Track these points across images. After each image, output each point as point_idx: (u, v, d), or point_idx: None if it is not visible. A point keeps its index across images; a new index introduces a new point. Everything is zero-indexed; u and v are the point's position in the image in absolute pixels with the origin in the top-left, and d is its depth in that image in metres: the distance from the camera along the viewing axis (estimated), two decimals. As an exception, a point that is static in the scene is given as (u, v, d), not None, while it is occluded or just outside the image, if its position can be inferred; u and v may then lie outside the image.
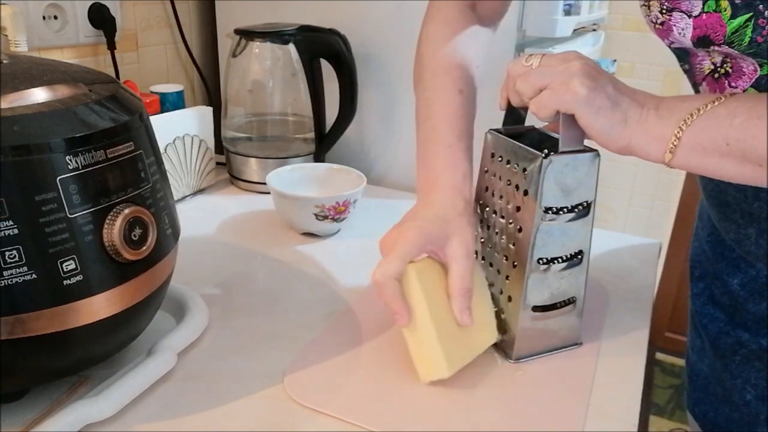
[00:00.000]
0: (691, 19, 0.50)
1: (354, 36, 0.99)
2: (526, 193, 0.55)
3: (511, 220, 0.58)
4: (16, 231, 0.41)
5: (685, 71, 0.60)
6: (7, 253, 0.41)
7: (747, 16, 0.47)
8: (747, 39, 0.48)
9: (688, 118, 0.47)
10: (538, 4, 0.95)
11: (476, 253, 0.64)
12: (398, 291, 0.53)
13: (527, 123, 0.59)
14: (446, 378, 0.54)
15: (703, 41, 0.51)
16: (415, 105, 0.65)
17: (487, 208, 0.62)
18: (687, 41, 0.52)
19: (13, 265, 0.41)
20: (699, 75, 0.57)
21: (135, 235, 0.48)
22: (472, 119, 0.63)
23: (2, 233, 0.41)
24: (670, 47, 0.57)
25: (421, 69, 0.66)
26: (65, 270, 0.43)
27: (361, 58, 1.01)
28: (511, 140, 0.57)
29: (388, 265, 0.53)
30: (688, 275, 0.79)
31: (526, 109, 0.57)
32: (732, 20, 0.48)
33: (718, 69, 0.54)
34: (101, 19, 0.97)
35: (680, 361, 2.09)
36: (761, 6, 0.46)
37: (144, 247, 0.49)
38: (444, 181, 0.59)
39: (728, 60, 0.53)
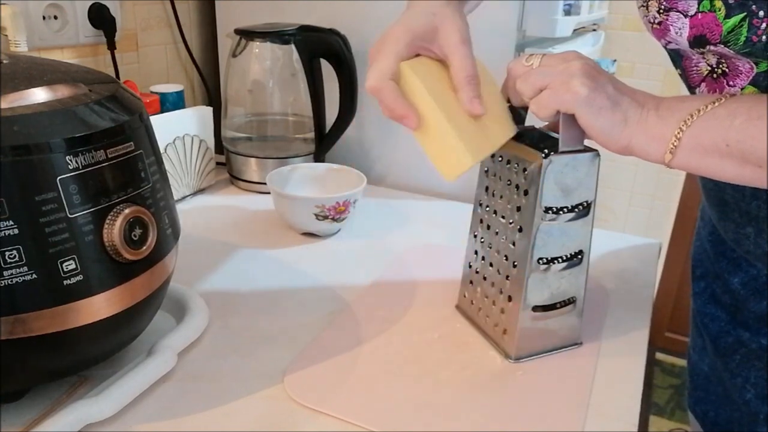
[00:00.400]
0: (687, 19, 0.50)
1: (354, 36, 0.99)
2: (526, 193, 0.55)
3: (511, 220, 0.58)
4: (16, 231, 0.41)
5: (680, 75, 0.60)
6: (7, 253, 0.41)
7: (741, 15, 0.47)
8: (743, 38, 0.48)
9: (689, 119, 0.47)
10: (538, 4, 0.95)
11: (476, 252, 0.64)
12: (398, 91, 0.50)
13: (527, 123, 0.59)
14: (470, 167, 0.50)
15: (699, 41, 0.51)
16: None
17: (488, 208, 0.62)
18: (683, 41, 0.52)
19: (13, 265, 0.41)
20: (696, 77, 0.57)
21: (135, 235, 0.48)
22: None
23: (2, 233, 0.41)
24: (666, 48, 0.57)
25: None
26: (65, 270, 0.43)
27: (361, 58, 1.01)
28: (512, 140, 0.57)
29: (379, 65, 0.50)
30: (688, 275, 0.79)
31: (526, 108, 0.57)
32: (727, 20, 0.48)
33: (716, 69, 0.54)
34: (101, 19, 0.97)
35: (680, 361, 2.09)
36: (754, 6, 0.46)
37: (144, 247, 0.49)
38: None
39: (723, 60, 0.53)
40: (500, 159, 0.59)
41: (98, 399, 0.49)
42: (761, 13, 0.46)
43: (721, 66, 0.54)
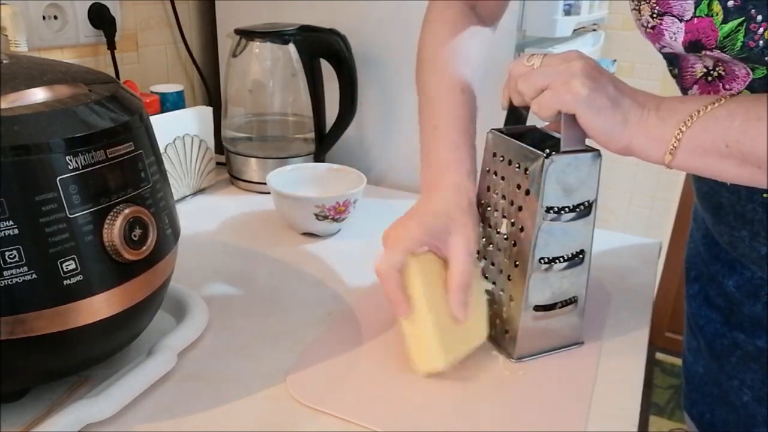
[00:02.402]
0: (682, 23, 0.50)
1: (354, 36, 0.99)
2: (527, 192, 0.55)
3: (512, 220, 0.58)
4: (16, 231, 0.41)
5: (674, 76, 0.60)
6: (7, 253, 0.41)
7: (739, 20, 0.47)
8: (739, 43, 0.48)
9: (688, 120, 0.47)
10: (538, 4, 0.95)
11: (477, 252, 0.64)
12: (399, 282, 0.54)
13: (529, 123, 0.59)
14: (441, 370, 0.55)
15: (694, 46, 0.50)
16: (418, 105, 0.66)
17: (489, 208, 0.62)
18: (678, 45, 0.51)
19: (13, 265, 0.41)
20: (690, 78, 0.57)
21: (135, 235, 0.48)
22: (473, 119, 0.64)
23: (2, 233, 0.41)
24: (660, 51, 0.57)
25: (422, 70, 0.67)
26: (65, 270, 0.43)
27: (361, 58, 1.01)
28: (513, 140, 0.57)
29: (390, 255, 0.54)
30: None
31: (527, 108, 0.57)
32: (723, 25, 0.48)
33: (711, 72, 0.54)
34: (101, 19, 0.97)
35: (680, 361, 2.09)
36: (753, 10, 0.46)
37: (144, 247, 0.49)
38: (448, 179, 0.60)
39: (720, 64, 0.53)
40: (502, 159, 0.59)
41: (98, 399, 0.49)
42: (759, 18, 0.46)
43: (717, 69, 0.54)
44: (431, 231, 0.56)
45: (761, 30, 0.46)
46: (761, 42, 0.47)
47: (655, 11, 0.51)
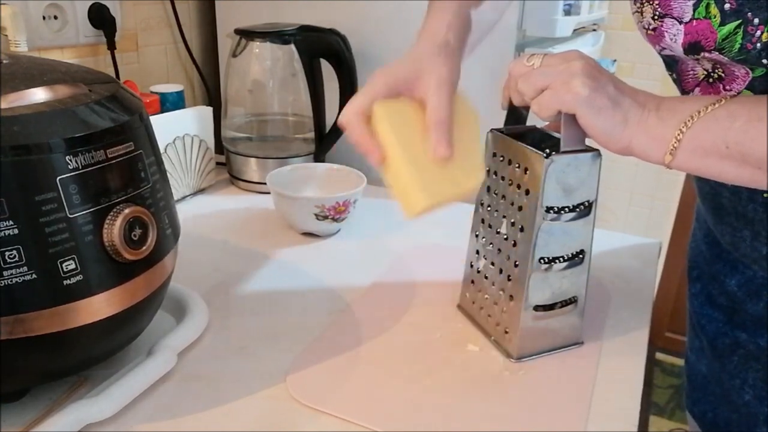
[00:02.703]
0: (682, 25, 0.50)
1: (354, 36, 0.99)
2: (527, 192, 0.55)
3: (512, 220, 0.58)
4: (16, 231, 0.41)
5: (674, 80, 0.60)
6: (7, 253, 0.41)
7: (736, 23, 0.47)
8: (737, 46, 0.48)
9: (689, 120, 0.47)
10: (538, 4, 0.95)
11: (477, 252, 0.64)
12: (364, 128, 0.52)
13: (529, 123, 0.59)
14: (424, 209, 0.52)
15: (693, 48, 0.51)
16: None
17: (489, 208, 0.62)
18: (678, 47, 0.52)
19: (13, 265, 0.41)
20: (692, 81, 0.57)
21: (135, 235, 0.48)
22: (468, 16, 0.62)
23: (2, 233, 0.41)
24: (660, 54, 0.57)
25: None
26: (65, 270, 0.43)
27: (361, 58, 1.01)
28: (513, 140, 0.57)
29: (352, 101, 0.52)
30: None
31: (527, 108, 0.57)
32: (721, 27, 0.48)
33: (712, 74, 0.54)
34: (101, 19, 0.97)
35: (680, 361, 2.08)
36: (750, 13, 0.46)
37: (144, 247, 0.49)
38: (427, 30, 0.59)
39: (719, 66, 0.53)
40: (502, 158, 0.59)
41: (98, 399, 0.49)
42: (756, 21, 0.46)
43: (717, 71, 0.54)
44: (397, 75, 0.54)
45: (759, 32, 0.46)
46: (759, 44, 0.47)
47: (657, 12, 0.51)
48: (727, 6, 0.47)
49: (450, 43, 0.58)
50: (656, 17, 0.52)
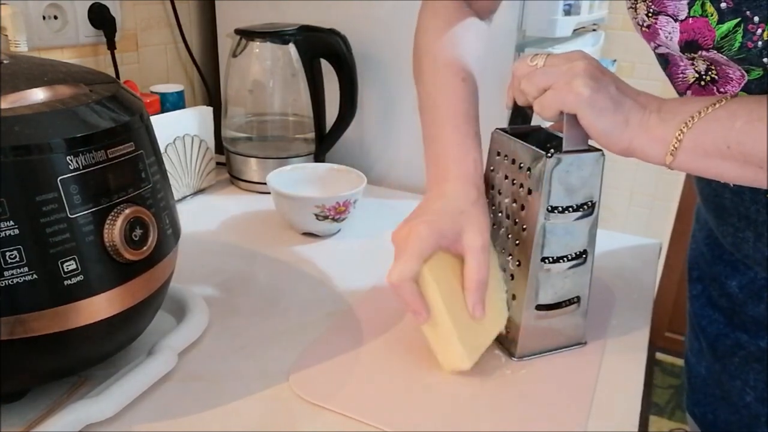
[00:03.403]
0: (677, 23, 0.50)
1: (354, 36, 0.99)
2: (530, 192, 0.55)
3: (516, 219, 0.58)
4: (16, 231, 0.41)
5: (668, 77, 0.60)
6: (7, 254, 0.41)
7: (735, 21, 0.47)
8: (737, 44, 0.48)
9: (690, 121, 0.47)
10: (538, 4, 0.95)
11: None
12: (416, 291, 0.53)
13: (534, 122, 0.59)
14: (467, 368, 0.55)
15: (690, 46, 0.50)
16: (418, 101, 0.65)
17: (493, 207, 0.62)
18: (674, 45, 0.51)
19: (13, 265, 0.41)
20: (682, 84, 0.57)
21: (136, 236, 0.48)
22: (476, 107, 0.62)
23: (3, 233, 0.41)
24: (655, 51, 0.57)
25: (420, 64, 0.66)
26: (66, 270, 0.43)
27: (361, 58, 1.01)
28: (516, 139, 0.57)
29: (404, 266, 0.53)
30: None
31: (532, 108, 0.57)
32: (720, 25, 0.48)
33: (704, 77, 0.54)
34: (101, 19, 0.97)
35: (680, 361, 2.08)
36: (748, 12, 0.46)
37: (144, 248, 0.49)
38: (455, 170, 0.58)
39: (713, 67, 0.53)
40: (505, 158, 0.59)
41: (98, 399, 0.49)
42: (756, 19, 0.46)
43: (710, 73, 0.53)
44: (442, 232, 0.54)
45: (759, 30, 0.46)
46: (760, 42, 0.46)
47: (651, 10, 0.51)
48: (723, 5, 0.47)
49: (481, 189, 0.59)
50: (650, 14, 0.51)
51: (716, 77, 0.53)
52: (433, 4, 0.68)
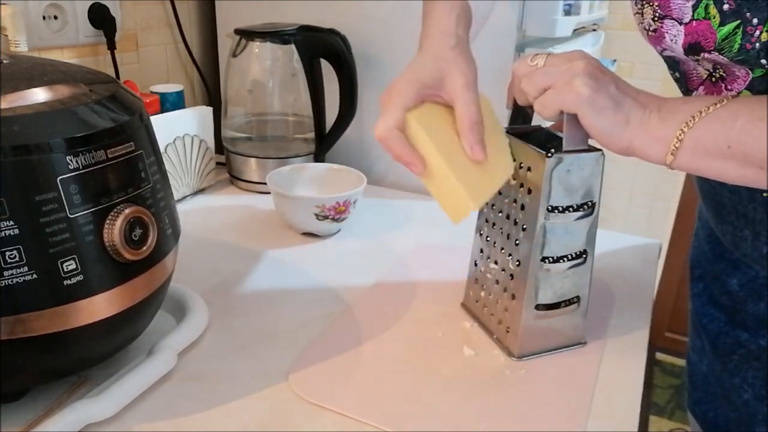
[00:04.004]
0: (682, 26, 0.50)
1: (354, 36, 0.99)
2: (530, 191, 0.55)
3: (515, 219, 0.58)
4: (16, 231, 0.41)
5: (676, 79, 0.60)
6: (7, 253, 0.41)
7: (735, 23, 0.47)
8: (737, 46, 0.48)
9: (690, 120, 0.47)
10: (538, 4, 0.95)
11: (481, 251, 0.64)
12: (404, 141, 0.52)
13: (534, 122, 0.59)
14: (475, 210, 0.52)
15: (693, 48, 0.51)
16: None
17: (493, 207, 0.62)
18: (678, 48, 0.52)
19: (13, 265, 0.41)
20: (696, 80, 0.57)
21: (135, 235, 0.48)
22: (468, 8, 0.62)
23: (3, 233, 0.41)
24: (661, 54, 0.57)
25: None
26: (66, 270, 0.43)
27: (361, 58, 1.01)
28: (516, 139, 0.57)
29: (387, 116, 0.52)
30: (688, 275, 0.79)
31: (532, 108, 0.57)
32: (721, 27, 0.48)
33: (713, 74, 0.54)
34: (101, 19, 0.97)
35: (680, 361, 2.09)
36: (749, 13, 0.46)
37: (144, 247, 0.49)
38: (436, 26, 0.58)
39: (719, 66, 0.53)
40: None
41: (98, 399, 0.49)
42: (755, 21, 0.46)
43: (718, 71, 0.54)
44: (423, 80, 0.53)
45: (758, 32, 0.46)
46: (758, 44, 0.47)
47: (657, 14, 0.51)
48: (726, 6, 0.47)
49: (462, 38, 0.57)
50: (656, 18, 0.52)
51: (724, 74, 0.53)
52: None
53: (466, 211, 0.52)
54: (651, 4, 0.52)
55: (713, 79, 0.55)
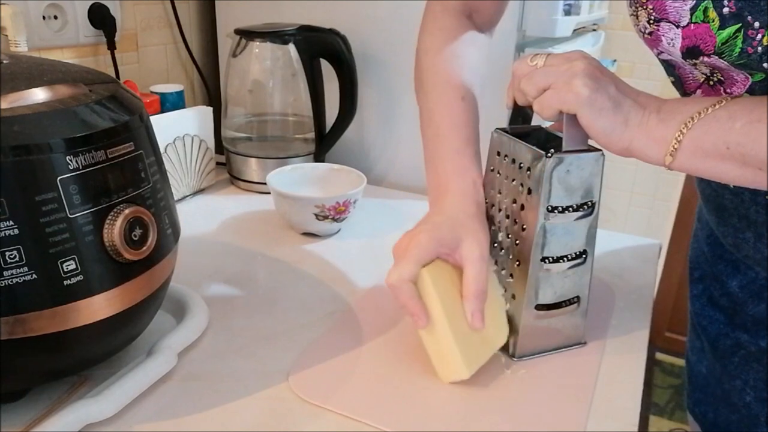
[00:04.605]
0: (679, 30, 0.50)
1: (354, 36, 0.99)
2: (530, 192, 0.55)
3: (515, 219, 0.58)
4: (16, 231, 0.41)
5: (673, 83, 0.60)
6: (7, 254, 0.41)
7: (736, 27, 0.47)
8: (737, 50, 0.48)
9: (689, 121, 0.47)
10: (538, 4, 0.95)
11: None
12: (414, 293, 0.53)
13: (534, 122, 0.59)
14: (466, 379, 0.55)
15: (692, 52, 0.50)
16: (419, 115, 0.66)
17: (493, 206, 0.62)
18: (676, 51, 0.51)
19: (13, 265, 0.41)
20: (693, 83, 0.57)
21: (135, 235, 0.48)
22: (476, 125, 0.64)
23: (2, 233, 0.41)
24: (658, 57, 0.57)
25: (421, 79, 0.67)
26: (65, 270, 0.43)
27: (361, 58, 1.01)
28: (516, 139, 0.57)
29: (403, 268, 0.53)
30: (687, 276, 0.79)
31: (532, 108, 0.57)
32: (721, 31, 0.48)
33: (711, 77, 0.54)
34: (101, 19, 0.97)
35: (680, 361, 2.09)
36: (750, 17, 0.46)
37: (144, 247, 0.49)
38: (454, 187, 0.59)
39: (716, 71, 0.53)
40: (505, 158, 0.59)
41: (98, 399, 0.49)
42: (757, 24, 0.46)
43: (715, 75, 0.53)
44: (441, 240, 0.55)
45: (759, 36, 0.46)
46: (759, 48, 0.47)
47: (652, 17, 0.51)
48: (726, 10, 0.47)
49: (480, 204, 0.59)
50: (651, 21, 0.51)
51: (722, 78, 0.53)
52: (434, 16, 0.68)
53: (458, 378, 0.55)
54: (645, 7, 0.52)
55: (711, 83, 0.55)
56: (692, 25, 0.49)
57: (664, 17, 0.50)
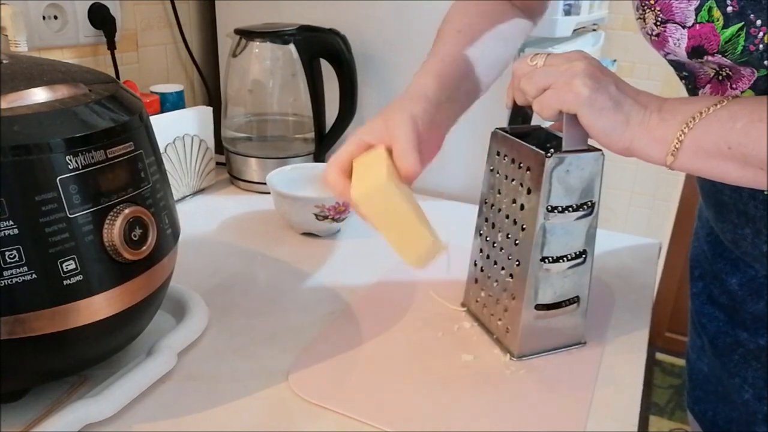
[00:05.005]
0: (685, 30, 0.50)
1: (354, 36, 0.99)
2: (530, 191, 0.55)
3: (515, 219, 0.58)
4: (16, 231, 0.41)
5: (684, 78, 0.60)
6: (7, 253, 0.41)
7: (739, 25, 0.47)
8: (740, 48, 0.48)
9: (691, 121, 0.47)
10: (538, 4, 0.94)
11: (481, 251, 0.64)
12: (347, 185, 0.54)
13: (534, 122, 0.59)
14: (433, 250, 0.52)
15: (697, 51, 0.51)
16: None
17: (493, 207, 0.62)
18: (682, 52, 0.52)
19: (13, 265, 0.41)
20: (704, 78, 0.57)
21: (135, 235, 0.48)
22: (468, 62, 0.62)
23: (2, 233, 0.41)
24: (665, 58, 0.57)
25: (441, 27, 0.66)
26: (65, 270, 0.43)
27: (361, 58, 1.01)
28: (516, 139, 0.57)
29: (332, 159, 0.55)
30: (687, 275, 0.79)
31: (532, 108, 0.57)
32: (724, 30, 0.48)
33: (720, 72, 0.54)
34: (101, 19, 0.97)
35: (680, 361, 2.09)
36: (752, 15, 0.46)
37: (144, 247, 0.49)
38: (415, 83, 0.60)
39: (725, 66, 0.53)
40: (505, 157, 0.59)
41: (98, 399, 0.49)
42: (759, 22, 0.46)
43: (724, 70, 0.54)
44: (370, 129, 0.55)
45: (761, 34, 0.46)
46: (761, 46, 0.47)
47: (660, 18, 0.51)
48: (729, 9, 0.47)
49: (428, 95, 0.58)
50: (659, 23, 0.52)
51: (730, 73, 0.53)
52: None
53: (426, 250, 0.52)
54: (653, 9, 0.52)
55: (720, 78, 0.55)
56: (697, 25, 0.49)
57: (670, 18, 0.51)
